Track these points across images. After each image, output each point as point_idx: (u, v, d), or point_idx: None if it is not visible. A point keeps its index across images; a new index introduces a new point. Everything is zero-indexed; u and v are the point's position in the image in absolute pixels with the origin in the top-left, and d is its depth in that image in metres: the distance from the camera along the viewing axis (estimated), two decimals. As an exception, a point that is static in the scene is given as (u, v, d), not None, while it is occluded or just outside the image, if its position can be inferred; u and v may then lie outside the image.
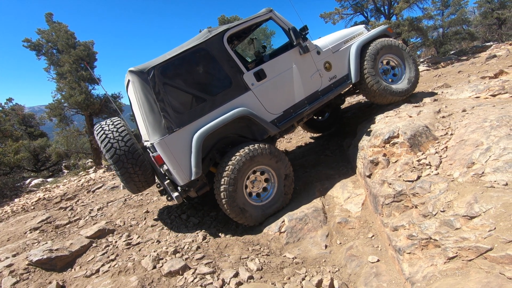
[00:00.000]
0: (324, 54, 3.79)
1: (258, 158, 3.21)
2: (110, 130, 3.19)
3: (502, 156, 2.25)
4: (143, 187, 3.46)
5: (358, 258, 2.59)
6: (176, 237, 3.35)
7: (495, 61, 7.65)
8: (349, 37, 4.07)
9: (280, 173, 3.42)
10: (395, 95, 3.96)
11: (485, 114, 2.89)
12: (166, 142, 3.00)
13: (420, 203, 2.36)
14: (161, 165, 3.07)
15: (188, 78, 3.19)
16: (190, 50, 3.17)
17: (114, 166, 3.18)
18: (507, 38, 15.05)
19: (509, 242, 1.68)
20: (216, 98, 3.22)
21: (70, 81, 10.79)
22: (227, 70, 3.29)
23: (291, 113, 3.58)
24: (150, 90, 2.99)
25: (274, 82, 3.48)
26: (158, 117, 2.98)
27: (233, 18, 19.00)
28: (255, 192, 3.45)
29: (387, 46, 4.01)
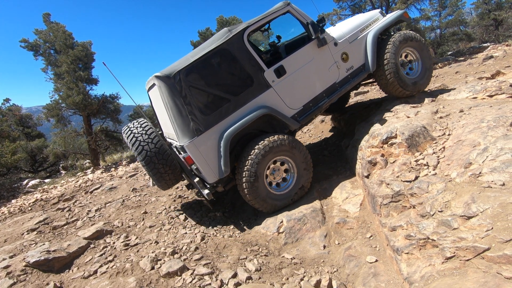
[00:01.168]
0: (341, 45, 3.74)
1: (277, 149, 3.26)
2: (139, 133, 3.27)
3: (499, 156, 2.26)
4: (172, 183, 3.57)
5: (357, 258, 2.59)
6: (175, 238, 3.35)
7: (492, 62, 7.70)
8: (365, 25, 3.97)
9: (299, 163, 3.45)
10: (410, 89, 3.93)
11: (482, 114, 2.91)
12: (195, 144, 3.08)
13: (418, 203, 2.36)
14: (190, 165, 3.17)
15: (212, 80, 3.21)
16: (212, 52, 3.18)
17: (146, 167, 3.26)
18: (504, 39, 15.13)
19: (506, 242, 1.68)
20: (239, 97, 3.25)
21: (68, 82, 10.75)
22: (249, 69, 3.30)
23: (310, 107, 3.60)
24: (177, 95, 3.03)
25: (293, 77, 3.47)
26: (186, 120, 3.06)
27: (231, 19, 19.02)
28: (274, 182, 3.50)
29: (410, 39, 3.93)
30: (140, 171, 7.11)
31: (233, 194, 4.65)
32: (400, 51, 3.90)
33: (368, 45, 3.83)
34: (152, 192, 5.25)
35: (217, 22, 19.38)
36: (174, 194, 4.91)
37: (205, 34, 21.93)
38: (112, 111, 12.42)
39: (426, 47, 4.11)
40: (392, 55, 3.78)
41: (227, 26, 19.37)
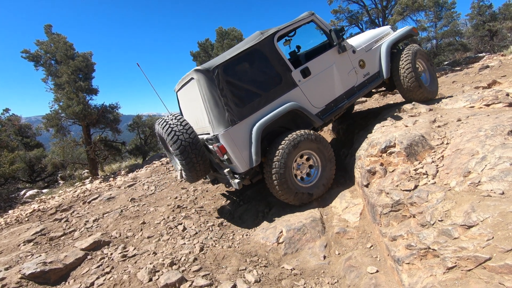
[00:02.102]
0: (358, 53, 4.12)
1: (304, 142, 3.46)
2: (175, 124, 3.43)
3: (498, 165, 2.26)
4: (201, 175, 3.69)
5: (357, 269, 2.56)
6: (173, 248, 3.31)
7: (488, 72, 7.80)
8: (379, 37, 4.42)
9: (323, 158, 3.65)
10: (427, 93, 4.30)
11: (480, 123, 2.93)
12: (230, 133, 3.29)
13: (418, 213, 2.35)
14: (224, 155, 3.32)
15: (245, 76, 3.51)
16: (246, 51, 3.49)
17: (180, 156, 3.40)
18: (499, 49, 15.37)
19: (507, 251, 1.67)
20: (269, 93, 3.51)
21: (68, 92, 10.81)
22: (278, 68, 3.59)
23: (332, 107, 3.90)
24: (214, 87, 3.28)
25: (317, 78, 3.78)
26: (222, 111, 3.28)
27: (230, 30, 19.29)
28: (299, 176, 3.65)
29: (421, 52, 4.41)
30: (138, 181, 7.08)
31: (231, 204, 4.62)
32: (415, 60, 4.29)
33: (382, 55, 4.27)
34: (151, 202, 5.22)
35: (217, 33, 19.66)
36: (172, 204, 4.88)
37: (205, 45, 22.20)
38: (111, 120, 12.45)
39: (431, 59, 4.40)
40: (411, 63, 4.16)
41: (226, 37, 19.55)
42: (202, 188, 5.60)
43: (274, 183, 3.40)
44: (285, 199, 3.55)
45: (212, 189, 5.45)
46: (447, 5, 15.30)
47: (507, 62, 8.14)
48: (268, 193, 4.43)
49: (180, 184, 6.07)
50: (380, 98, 8.53)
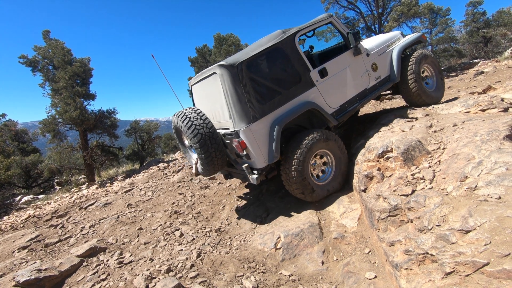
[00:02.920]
0: (372, 56, 4.23)
1: (322, 142, 3.53)
2: (195, 118, 3.45)
3: (494, 169, 2.28)
4: (218, 169, 3.75)
5: (355, 275, 2.55)
6: (170, 254, 3.28)
7: (482, 77, 7.89)
8: (390, 42, 4.55)
9: (337, 157, 3.73)
10: (429, 98, 4.41)
11: (476, 128, 2.95)
12: (251, 129, 3.30)
13: (416, 218, 2.35)
14: (243, 150, 3.35)
15: (267, 73, 3.54)
16: (268, 49, 3.52)
17: (200, 150, 3.43)
18: (493, 55, 15.57)
19: (505, 256, 1.67)
20: (289, 92, 3.55)
21: (65, 97, 10.79)
22: (298, 67, 3.64)
23: (346, 108, 3.97)
24: (238, 83, 3.30)
25: (334, 79, 3.86)
26: (244, 107, 3.30)
27: (228, 36, 19.42)
28: (315, 173, 3.72)
29: (428, 57, 4.52)
30: (135, 186, 7.04)
31: (229, 209, 4.60)
32: (421, 67, 4.42)
33: (393, 59, 4.37)
34: (148, 208, 5.18)
35: (214, 39, 19.78)
36: (170, 209, 4.84)
37: (202, 51, 22.31)
38: (108, 126, 12.42)
39: (439, 64, 4.55)
40: (416, 69, 4.28)
41: (224, 42, 19.66)
42: (199, 193, 5.57)
43: (293, 180, 3.45)
44: (301, 196, 3.60)
45: (210, 195, 5.43)
46: (442, 12, 15.52)
47: (501, 68, 8.25)
48: (266, 199, 4.42)
49: (177, 189, 6.04)
50: (377, 103, 8.58)
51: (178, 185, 6.31)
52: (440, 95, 4.64)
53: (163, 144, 21.95)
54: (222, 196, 5.25)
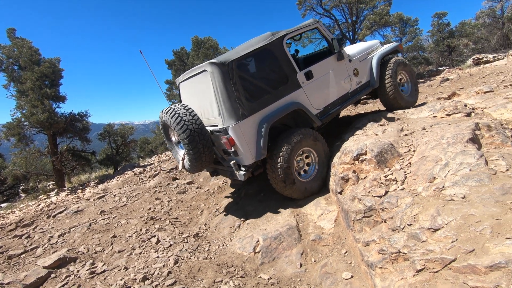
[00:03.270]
0: (354, 62, 4.45)
1: (307, 140, 3.67)
2: (184, 114, 3.46)
3: (459, 170, 2.42)
4: (205, 165, 3.76)
5: (333, 275, 2.60)
6: (146, 262, 3.17)
7: (448, 84, 8.39)
8: (371, 50, 4.81)
9: (320, 154, 3.85)
10: (405, 102, 4.69)
11: (442, 132, 3.12)
12: (240, 127, 3.37)
13: (389, 218, 2.44)
14: (232, 147, 3.42)
15: (256, 73, 3.70)
16: (258, 49, 3.63)
17: (188, 146, 3.44)
18: (457, 63, 16.64)
19: (469, 252, 1.78)
20: (277, 92, 3.67)
21: (32, 99, 10.18)
22: (285, 69, 3.77)
23: (329, 110, 4.16)
24: (228, 80, 3.36)
25: (319, 82, 4.02)
26: (234, 104, 3.36)
27: (206, 39, 19.30)
28: (299, 171, 3.82)
29: (404, 64, 4.84)
30: (109, 192, 6.76)
31: (208, 214, 4.54)
32: (398, 73, 4.72)
33: (373, 66, 4.62)
34: (122, 215, 5.00)
35: (192, 42, 19.58)
36: (146, 215, 4.70)
37: (180, 54, 22.00)
38: (80, 129, 11.86)
39: (414, 71, 4.83)
40: (392, 76, 4.56)
41: (202, 46, 19.47)
42: (177, 198, 5.46)
43: (279, 177, 3.53)
44: (286, 193, 3.70)
45: (187, 199, 5.33)
46: (410, 22, 16.42)
47: (464, 76, 8.83)
48: (245, 202, 4.41)
49: (154, 194, 5.88)
50: (352, 107, 8.87)
51: (154, 190, 6.15)
52: (414, 99, 4.94)
53: (139, 148, 21.32)
54: (200, 200, 5.18)
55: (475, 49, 19.39)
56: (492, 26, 20.22)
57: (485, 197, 2.08)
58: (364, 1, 14.25)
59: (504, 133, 2.98)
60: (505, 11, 19.45)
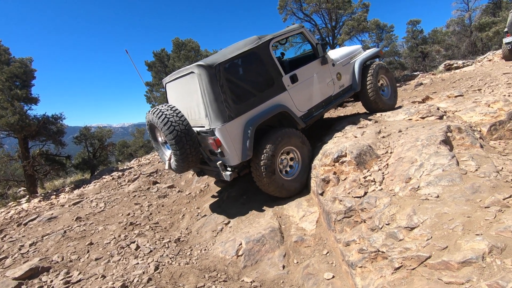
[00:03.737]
0: (337, 66, 4.60)
1: (290, 139, 3.75)
2: (171, 115, 3.47)
3: (433, 171, 2.54)
4: (192, 166, 3.79)
5: (315, 276, 2.63)
6: (125, 269, 3.07)
7: (422, 88, 8.76)
8: (353, 55, 4.99)
9: (303, 153, 3.93)
10: (385, 105, 4.87)
11: (417, 134, 3.26)
12: (226, 128, 3.42)
13: (368, 218, 2.51)
14: (218, 148, 3.46)
15: (243, 76, 3.77)
16: (245, 53, 3.70)
17: (175, 146, 3.46)
18: (430, 68, 17.45)
19: (443, 249, 1.86)
20: (263, 94, 3.75)
21: (1, 100, 9.64)
22: (271, 72, 3.85)
23: (312, 112, 4.28)
24: (215, 83, 3.41)
25: (303, 85, 4.13)
26: (221, 106, 3.41)
27: (187, 41, 19.09)
28: (284, 170, 3.89)
29: (385, 69, 5.05)
30: (86, 197, 6.51)
31: (189, 218, 4.47)
32: (378, 77, 4.91)
33: (355, 71, 4.79)
34: (100, 221, 4.82)
35: (173, 44, 19.33)
36: (125, 221, 4.56)
37: (160, 55, 21.63)
38: (54, 132, 11.35)
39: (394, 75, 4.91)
40: (373, 80, 4.74)
41: (183, 48, 19.22)
42: (157, 203, 5.34)
43: (262, 175, 3.58)
44: (271, 192, 3.75)
45: (168, 204, 5.22)
46: (387, 28, 17.07)
47: (437, 80, 9.26)
48: (227, 206, 4.38)
49: (133, 199, 5.72)
50: (332, 110, 9.06)
51: (134, 194, 5.98)
52: (394, 102, 5.16)
53: (117, 152, 20.67)
54: (181, 204, 5.09)
55: (446, 55, 20.45)
56: (461, 34, 21.41)
57: (457, 196, 2.19)
58: (343, 7, 14.67)
59: (473, 135, 3.15)
60: (473, 20, 20.67)
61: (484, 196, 2.12)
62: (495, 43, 17.34)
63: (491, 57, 12.55)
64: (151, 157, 10.94)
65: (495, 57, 12.16)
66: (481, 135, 3.35)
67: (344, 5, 14.69)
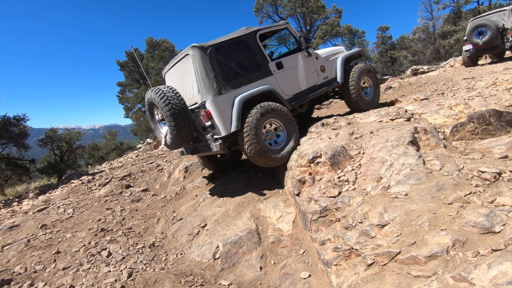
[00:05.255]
0: (320, 60, 5.11)
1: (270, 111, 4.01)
2: (168, 92, 3.83)
3: (402, 170, 2.66)
4: (185, 141, 4.06)
5: (291, 276, 2.66)
6: (95, 278, 2.93)
7: (391, 91, 9.18)
8: (336, 52, 5.49)
9: (287, 124, 4.23)
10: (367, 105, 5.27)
11: (387, 135, 3.41)
12: (216, 101, 3.78)
13: (342, 217, 2.59)
14: (209, 119, 3.79)
15: (232, 58, 4.18)
16: (234, 39, 4.20)
17: (172, 122, 3.78)
18: (398, 73, 18.35)
19: (412, 244, 1.95)
20: (250, 76, 4.18)
21: (-45, 100, 8.88)
22: (258, 58, 4.32)
23: (298, 97, 4.70)
24: (207, 61, 3.86)
25: (288, 72, 4.61)
26: (211, 82, 3.82)
27: (162, 41, 18.68)
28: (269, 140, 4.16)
29: (368, 70, 5.43)
30: (52, 203, 6.14)
31: (165, 222, 4.36)
32: (361, 78, 5.30)
33: (338, 65, 5.28)
34: (68, 228, 4.57)
35: (147, 43, 18.83)
36: (95, 227, 4.35)
37: (133, 55, 20.97)
38: (16, 135, 10.63)
39: (376, 77, 5.47)
40: (356, 81, 5.14)
41: (157, 47, 18.79)
42: (130, 207, 5.15)
43: (247, 144, 3.82)
44: (259, 162, 3.97)
45: (142, 208, 5.06)
46: (358, 34, 17.75)
47: (405, 84, 9.75)
48: (203, 208, 4.32)
49: (105, 204, 5.48)
50: (308, 113, 9.24)
51: (105, 199, 5.73)
52: (376, 101, 5.54)
53: (87, 154, 19.73)
54: (156, 208, 4.95)
55: (413, 60, 21.62)
56: (426, 41, 22.75)
57: (424, 194, 2.32)
58: (317, 12, 15.07)
59: (437, 136, 3.35)
60: (436, 28, 22.04)
61: (447, 193, 2.25)
62: (456, 50, 18.61)
63: (453, 63, 13.44)
64: (123, 160, 10.55)
65: (456, 63, 13.04)
66: (444, 136, 3.57)
67: (318, 10, 15.10)
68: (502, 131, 3.67)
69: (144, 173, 7.08)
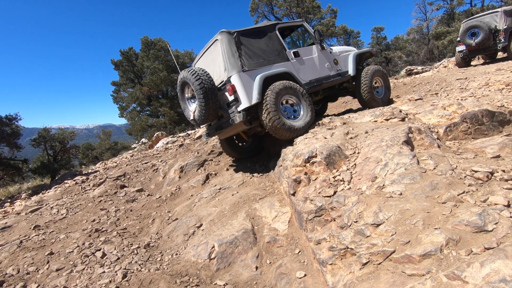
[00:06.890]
0: (334, 54, 5.67)
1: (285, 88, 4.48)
2: (201, 73, 4.34)
3: (396, 170, 2.68)
4: (211, 117, 4.57)
5: (287, 275, 2.66)
6: (89, 279, 2.91)
7: (386, 92, 9.24)
8: (348, 50, 6.07)
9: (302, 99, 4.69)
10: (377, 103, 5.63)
11: (382, 135, 3.43)
12: (240, 76, 4.33)
13: (338, 216, 2.60)
14: (233, 93, 4.30)
15: (254, 43, 4.78)
16: (257, 28, 4.89)
17: (202, 98, 4.29)
18: (393, 73, 18.50)
19: (406, 243, 1.97)
20: (270, 59, 4.77)
21: None
22: (277, 45, 4.96)
23: (313, 83, 5.19)
24: (233, 44, 4.49)
25: (304, 60, 5.18)
26: (236, 60, 4.41)
27: (156, 40, 18.57)
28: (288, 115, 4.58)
29: (380, 71, 5.89)
30: (45, 204, 6.06)
31: (160, 222, 4.34)
32: (373, 79, 5.75)
33: (350, 60, 5.84)
34: (61, 228, 4.52)
35: (142, 42, 18.70)
36: (89, 228, 4.31)
37: (128, 54, 20.80)
38: (8, 134, 10.47)
39: (388, 78, 5.94)
40: (368, 82, 5.56)
41: (152, 47, 18.63)
42: (125, 207, 5.12)
43: (266, 114, 4.24)
44: (278, 133, 4.35)
45: (137, 208, 5.03)
46: (353, 34, 17.84)
47: (399, 85, 9.83)
48: (199, 208, 4.31)
49: (99, 204, 5.43)
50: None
51: (99, 199, 5.68)
52: (387, 99, 5.95)
53: (81, 154, 19.53)
54: (151, 208, 4.92)
55: (407, 61, 21.81)
56: (420, 41, 22.97)
57: (418, 193, 2.34)
58: (313, 12, 15.11)
59: (431, 136, 3.38)
60: (430, 29, 22.25)
61: (441, 193, 2.28)
62: (449, 51, 18.82)
63: (446, 63, 13.58)
64: (118, 160, 10.47)
65: (450, 64, 13.19)
66: (438, 136, 3.61)
67: (314, 10, 15.15)
68: (494, 131, 3.72)
69: (139, 173, 7.03)
